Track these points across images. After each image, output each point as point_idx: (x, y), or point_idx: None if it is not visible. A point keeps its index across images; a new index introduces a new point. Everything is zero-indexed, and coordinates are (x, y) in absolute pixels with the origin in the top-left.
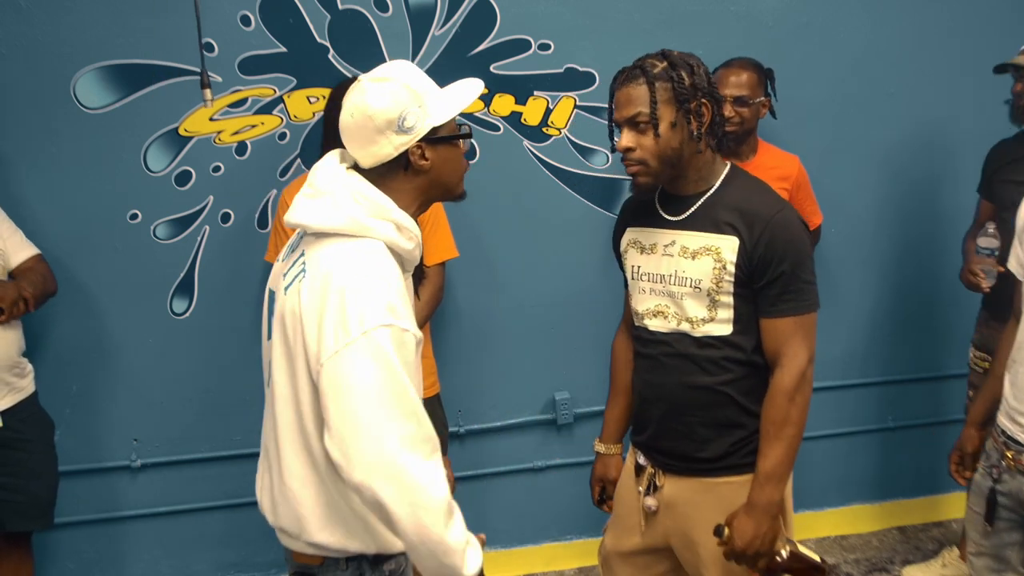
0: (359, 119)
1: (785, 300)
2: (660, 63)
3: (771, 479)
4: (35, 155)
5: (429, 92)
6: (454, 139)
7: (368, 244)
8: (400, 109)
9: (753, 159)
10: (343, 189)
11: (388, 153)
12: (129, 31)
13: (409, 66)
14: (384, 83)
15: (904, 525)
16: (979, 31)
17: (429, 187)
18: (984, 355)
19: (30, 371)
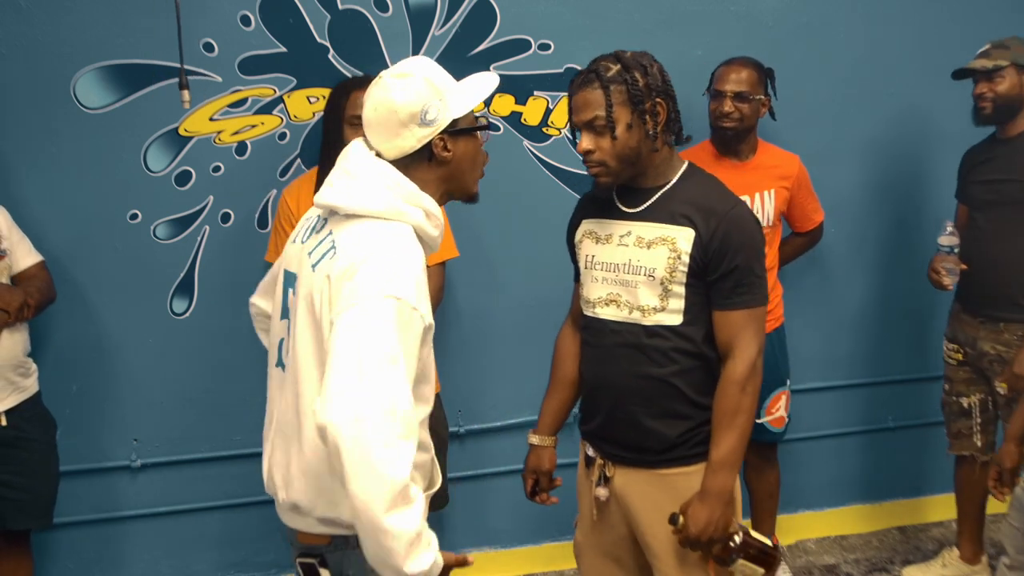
0: (383, 113)
1: (739, 293)
2: (614, 66)
3: (724, 466)
4: (35, 155)
5: (448, 86)
6: (474, 131)
7: (399, 227)
8: (422, 103)
9: (753, 158)
10: (377, 174)
11: (411, 145)
12: (129, 31)
13: (428, 61)
14: (406, 79)
15: (904, 525)
16: (979, 31)
17: (449, 178)
18: (956, 347)
19: (34, 371)
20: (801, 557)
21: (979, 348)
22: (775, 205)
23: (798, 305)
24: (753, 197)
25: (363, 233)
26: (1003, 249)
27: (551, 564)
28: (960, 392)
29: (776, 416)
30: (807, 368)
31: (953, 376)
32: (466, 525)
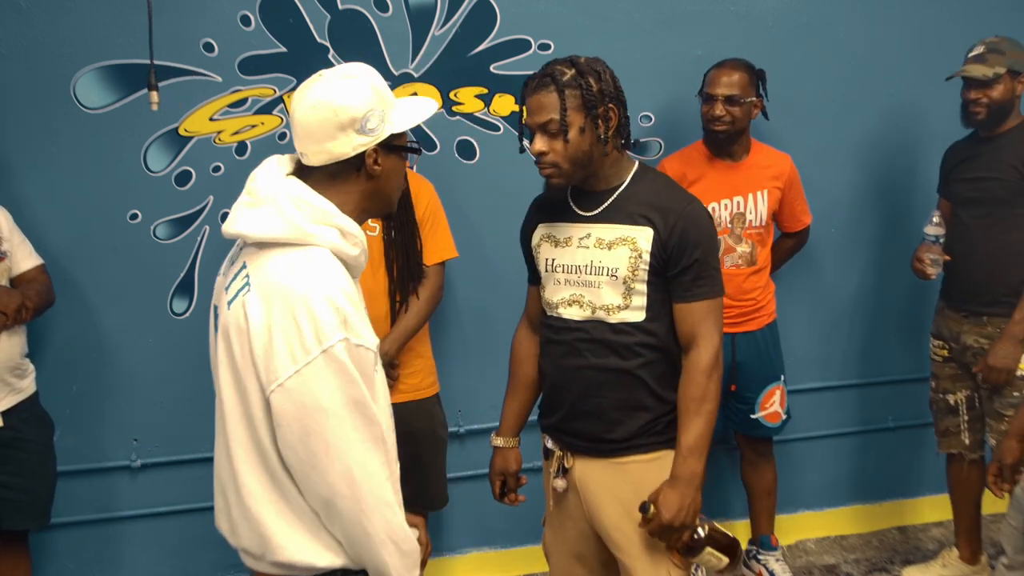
0: (322, 113)
1: (699, 286)
2: (568, 70)
3: (693, 452)
4: (35, 155)
5: (391, 99)
6: (405, 151)
7: (314, 252)
8: (366, 109)
9: (747, 159)
10: (284, 195)
11: (344, 152)
12: (129, 31)
13: (372, 69)
14: (352, 80)
15: (904, 525)
16: (979, 31)
17: (373, 194)
18: (941, 343)
19: (31, 372)
20: (801, 557)
21: (963, 342)
22: (768, 205)
23: (796, 305)
24: (747, 197)
25: (277, 266)
26: (986, 245)
27: None
28: (946, 389)
29: (771, 411)
30: (806, 368)
31: (939, 373)
32: (466, 525)
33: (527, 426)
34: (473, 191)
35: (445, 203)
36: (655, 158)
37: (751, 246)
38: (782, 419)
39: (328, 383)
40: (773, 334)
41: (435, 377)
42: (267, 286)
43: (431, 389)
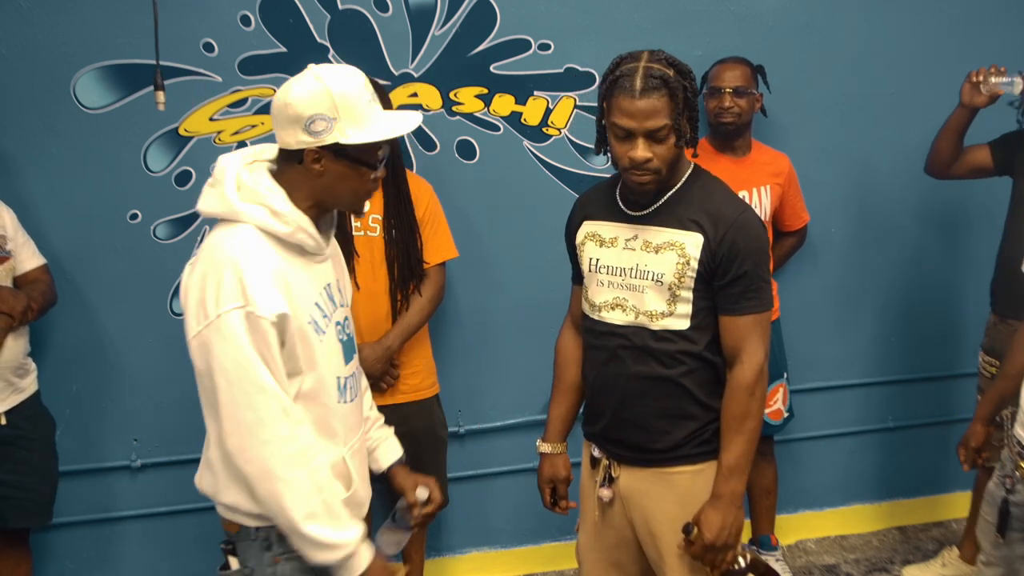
0: (278, 102)
1: (747, 299)
2: (668, 70)
3: (735, 472)
4: (35, 155)
5: (355, 110)
6: (356, 163)
7: (239, 229)
8: (312, 112)
9: (749, 154)
10: (229, 175)
11: (288, 143)
12: (129, 31)
13: (354, 77)
14: (314, 82)
15: (904, 525)
16: (979, 31)
17: (320, 192)
18: (993, 360)
19: (33, 370)
20: (801, 557)
21: None
22: (771, 200)
23: (798, 305)
24: (751, 192)
25: (209, 240)
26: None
27: (551, 564)
28: None
29: (773, 409)
30: (807, 368)
31: (987, 388)
32: (466, 525)
33: (532, 425)
34: (473, 191)
35: (445, 203)
36: None
37: None
38: (784, 417)
39: (217, 346)
40: (776, 332)
41: (435, 378)
42: (199, 255)
43: (431, 390)
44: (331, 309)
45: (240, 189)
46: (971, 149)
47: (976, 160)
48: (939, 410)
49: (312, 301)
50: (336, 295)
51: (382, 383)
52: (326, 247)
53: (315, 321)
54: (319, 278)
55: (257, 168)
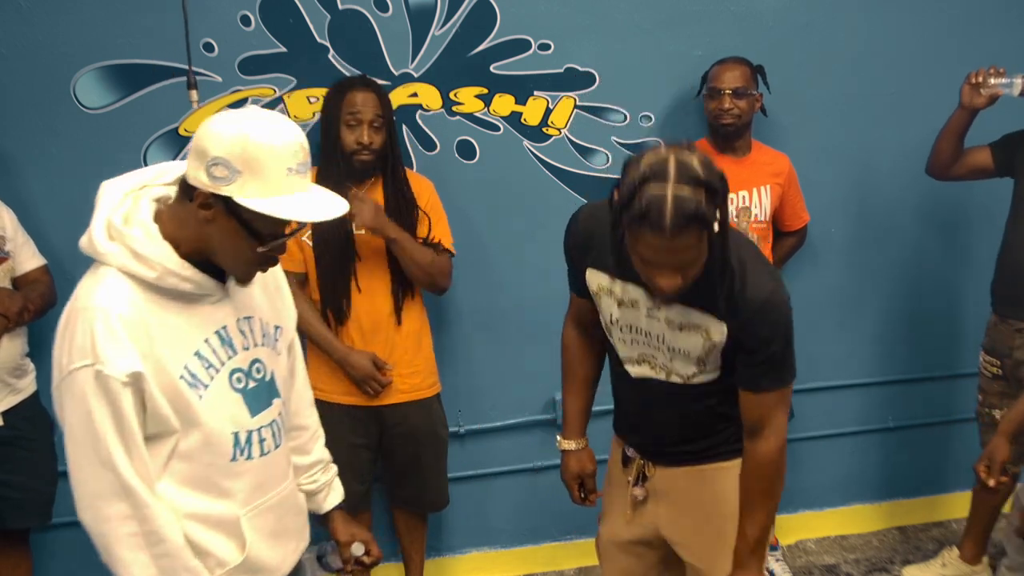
0: (201, 127)
1: (770, 377)
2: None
3: (760, 543)
4: (35, 155)
5: (266, 172)
6: (246, 229)
7: (101, 273)
8: (216, 154)
9: (749, 154)
10: (102, 209)
11: (189, 175)
12: (129, 31)
13: (287, 137)
14: (236, 123)
15: (904, 525)
16: (979, 31)
17: (203, 240)
18: (993, 360)
19: (31, 371)
20: (801, 557)
21: (1015, 357)
22: (771, 200)
23: (798, 305)
24: (751, 192)
25: (79, 284)
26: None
27: (551, 564)
28: (993, 404)
29: None
30: (807, 368)
31: (987, 388)
32: (466, 525)
33: (532, 425)
34: (473, 191)
35: (445, 203)
36: None
37: (756, 240)
38: None
39: (67, 406)
40: None
41: (436, 377)
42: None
43: (432, 389)
44: (225, 356)
45: (110, 225)
46: (972, 150)
47: (977, 161)
48: (939, 410)
49: (190, 351)
50: (238, 337)
51: (368, 388)
52: (220, 286)
53: (192, 375)
54: (206, 323)
55: (143, 197)
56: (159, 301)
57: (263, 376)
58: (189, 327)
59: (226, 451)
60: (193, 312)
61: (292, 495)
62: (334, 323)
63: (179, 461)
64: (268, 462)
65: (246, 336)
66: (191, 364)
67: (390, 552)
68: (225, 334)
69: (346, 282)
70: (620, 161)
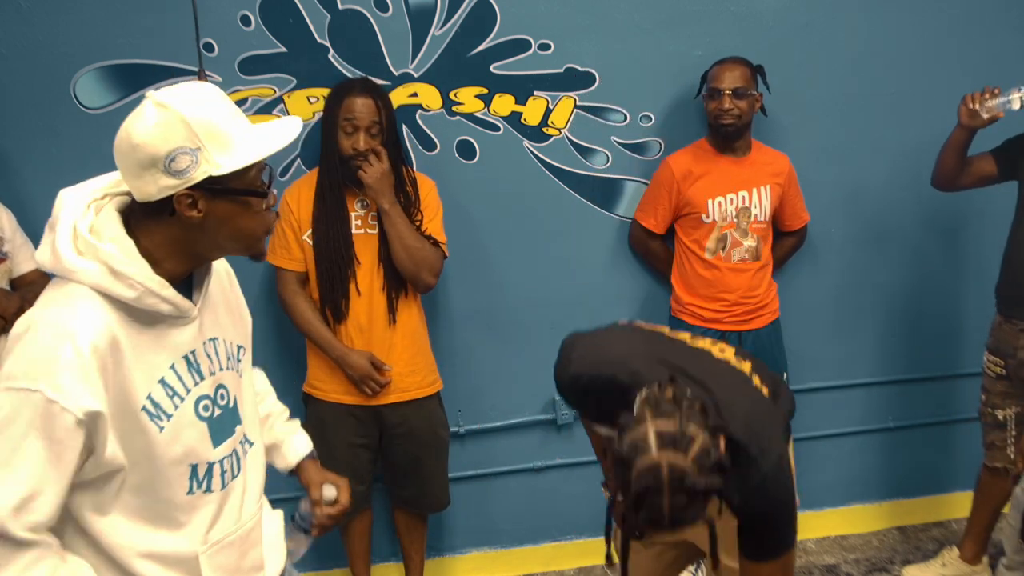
0: (123, 146)
1: (768, 547)
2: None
3: None
4: (35, 155)
5: (219, 132)
6: (241, 196)
7: (71, 291)
8: (169, 147)
9: (750, 155)
10: (65, 220)
11: (151, 193)
12: (129, 31)
13: (204, 93)
14: (158, 111)
15: (904, 525)
16: (979, 31)
17: (201, 243)
18: (997, 360)
19: None
20: (801, 557)
21: (1019, 357)
22: (771, 200)
23: (798, 305)
24: (751, 192)
25: (40, 299)
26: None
27: (551, 564)
28: (996, 404)
29: None
30: (807, 368)
31: (991, 388)
32: (466, 525)
33: (533, 425)
34: (473, 191)
35: (445, 203)
36: (656, 158)
37: (756, 240)
38: None
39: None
40: (776, 332)
41: (436, 375)
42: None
43: (432, 388)
44: (191, 382)
45: (76, 238)
46: (975, 159)
47: (981, 170)
48: (939, 410)
49: (155, 379)
50: (205, 361)
51: (366, 388)
52: (194, 307)
53: (156, 404)
54: (173, 347)
55: (106, 209)
56: (130, 324)
57: (227, 403)
58: (156, 352)
59: (182, 484)
60: (161, 335)
61: (256, 528)
62: (332, 322)
63: (129, 495)
64: (228, 494)
65: (212, 360)
66: (155, 393)
67: (390, 552)
68: (193, 359)
69: (344, 282)
70: (620, 161)
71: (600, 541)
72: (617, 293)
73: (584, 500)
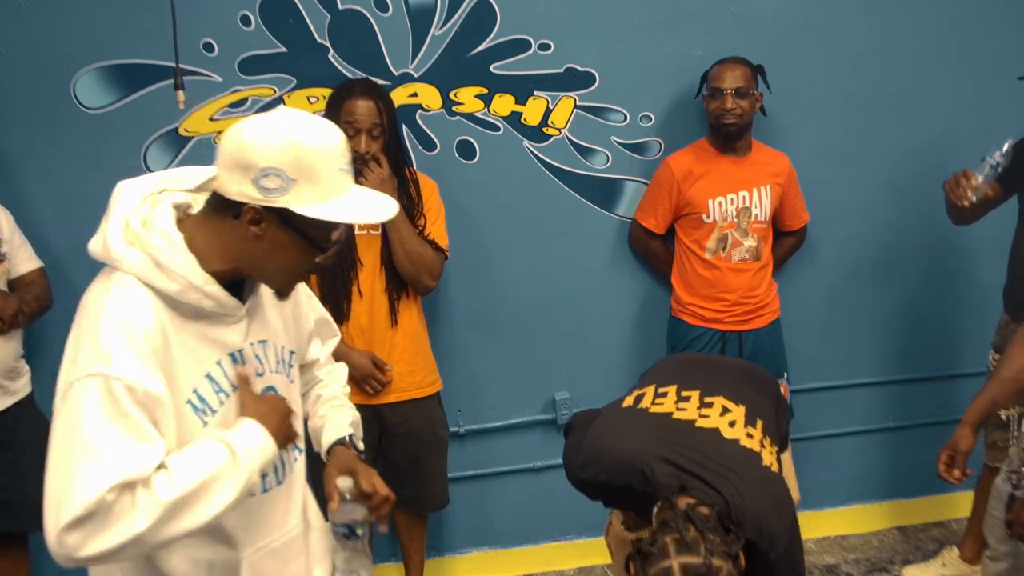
0: (232, 139)
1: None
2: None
3: None
4: (35, 155)
5: (320, 177)
6: (304, 238)
7: (118, 280)
8: (268, 163)
9: (750, 155)
10: (118, 211)
11: (229, 191)
12: (129, 31)
13: (329, 135)
14: (280, 130)
15: (904, 525)
16: (979, 31)
17: (246, 257)
18: None
19: (26, 373)
20: None
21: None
22: (771, 200)
23: (798, 305)
24: (751, 192)
25: (89, 289)
26: None
27: (551, 564)
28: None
29: None
30: (807, 368)
31: None
32: (466, 525)
33: (533, 425)
34: (473, 191)
35: (445, 203)
36: (656, 158)
37: (757, 240)
38: None
39: (73, 411)
40: (777, 332)
41: (436, 375)
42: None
43: (432, 387)
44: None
45: (127, 229)
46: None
47: (990, 199)
48: (940, 410)
49: (202, 373)
50: (253, 362)
51: (367, 387)
52: (241, 307)
53: (201, 398)
54: (220, 344)
55: (161, 202)
56: (175, 316)
57: None
58: (202, 347)
59: None
60: (207, 331)
61: (300, 539)
62: None
63: None
64: (270, 499)
65: (261, 361)
66: (201, 387)
67: (390, 552)
68: (240, 357)
69: (347, 283)
70: (620, 161)
71: (601, 541)
72: (617, 293)
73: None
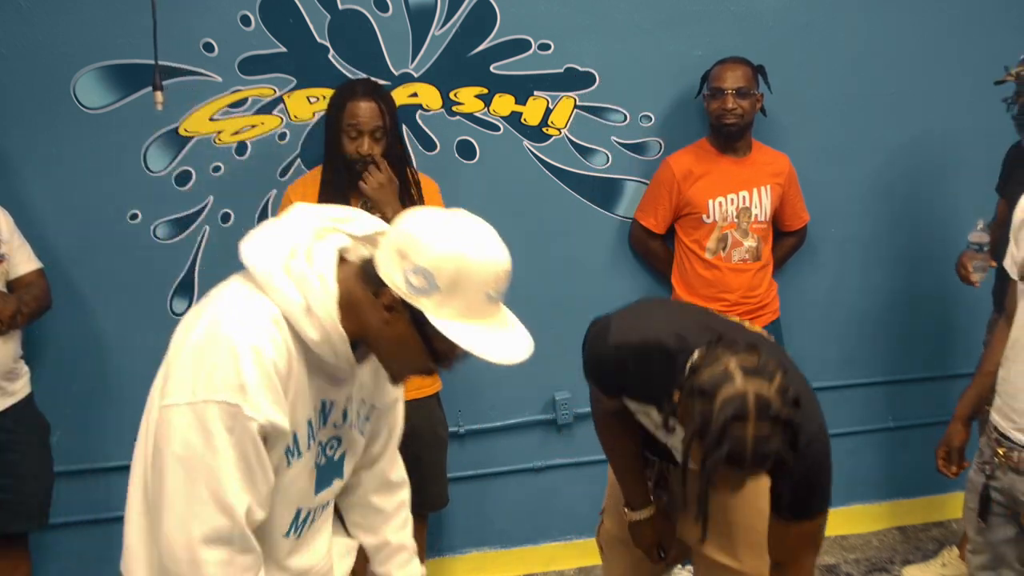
0: (411, 222)
1: (803, 505)
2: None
3: None
4: (35, 155)
5: (465, 296)
6: (427, 345)
7: (265, 308)
8: (424, 263)
9: (750, 155)
10: (286, 239)
11: (379, 266)
12: (129, 31)
13: (496, 260)
14: (452, 235)
15: (904, 525)
16: (979, 31)
17: (373, 333)
18: None
19: (25, 373)
20: None
21: None
22: (771, 200)
23: (798, 305)
24: (751, 192)
25: (229, 291)
26: None
27: (551, 564)
28: None
29: None
30: (807, 368)
31: None
32: (466, 525)
33: (532, 425)
34: (473, 191)
35: (445, 203)
36: (656, 158)
37: (757, 240)
38: None
39: (186, 432)
40: (776, 332)
41: (436, 376)
42: (206, 305)
43: (431, 388)
44: (318, 428)
45: (292, 257)
46: (999, 209)
47: (1003, 216)
48: (939, 410)
49: (304, 419)
50: (336, 413)
51: None
52: (354, 374)
53: (296, 442)
54: (320, 391)
55: (329, 240)
56: (299, 357)
57: (333, 454)
58: (308, 392)
59: (284, 525)
60: (318, 379)
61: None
62: None
63: None
64: (304, 540)
65: (346, 416)
66: (300, 431)
67: None
68: (328, 405)
69: None
70: (620, 161)
71: None
72: (617, 293)
73: (584, 500)
